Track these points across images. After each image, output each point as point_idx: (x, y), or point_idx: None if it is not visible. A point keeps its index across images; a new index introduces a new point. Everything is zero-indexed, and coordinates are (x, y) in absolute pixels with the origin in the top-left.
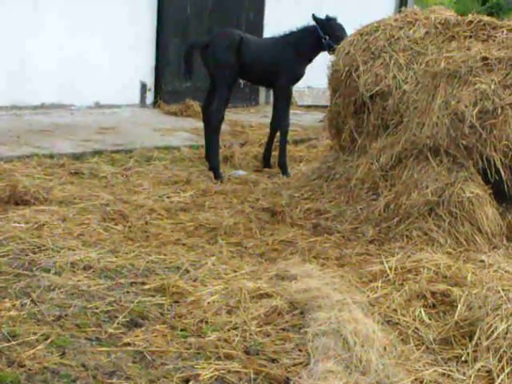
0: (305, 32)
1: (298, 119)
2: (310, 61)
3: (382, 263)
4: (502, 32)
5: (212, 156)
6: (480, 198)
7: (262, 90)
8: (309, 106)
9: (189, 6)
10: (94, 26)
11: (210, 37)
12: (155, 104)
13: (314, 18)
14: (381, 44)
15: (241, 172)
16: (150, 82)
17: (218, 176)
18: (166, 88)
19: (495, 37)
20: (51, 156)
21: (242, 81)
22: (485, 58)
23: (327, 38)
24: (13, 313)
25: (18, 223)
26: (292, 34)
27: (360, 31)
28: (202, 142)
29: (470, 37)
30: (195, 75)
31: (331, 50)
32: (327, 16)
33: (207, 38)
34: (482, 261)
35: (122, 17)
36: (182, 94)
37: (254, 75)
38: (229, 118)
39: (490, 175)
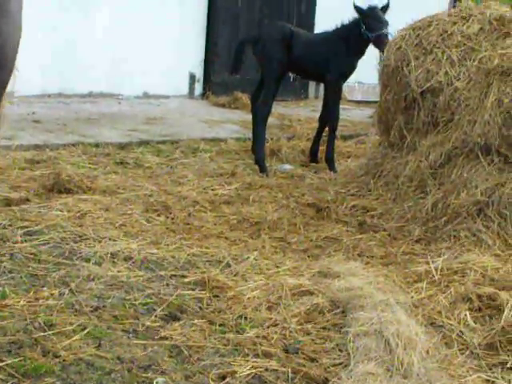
0: (353, 24)
1: (348, 114)
2: (361, 54)
3: (427, 263)
4: None
5: (258, 149)
6: None
7: (312, 84)
8: (359, 102)
9: None
10: (144, 16)
11: (261, 30)
12: (204, 95)
13: (355, 7)
14: (433, 39)
15: (287, 166)
16: (199, 73)
17: (263, 170)
18: (214, 79)
19: None
20: (97, 145)
21: (291, 74)
22: None
23: (363, 28)
24: (51, 302)
25: (61, 211)
26: (343, 27)
27: (412, 26)
28: (250, 134)
29: None
30: (245, 67)
31: (372, 41)
32: (369, 5)
33: (258, 32)
34: None
35: (172, 7)
36: (231, 86)
37: (304, 69)
38: (277, 112)
39: None
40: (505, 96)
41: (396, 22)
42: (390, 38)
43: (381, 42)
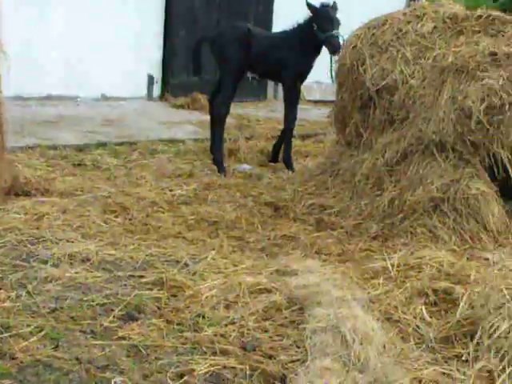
0: (307, 24)
1: (306, 114)
2: (317, 53)
3: (384, 260)
4: None
5: (216, 149)
6: (486, 195)
7: (270, 85)
8: (317, 101)
9: None
10: (101, 18)
11: (218, 30)
12: (162, 97)
13: (308, 5)
14: (388, 38)
15: (246, 166)
16: (157, 75)
17: (221, 170)
18: (173, 81)
19: (504, 32)
20: (54, 147)
21: (250, 75)
22: (493, 54)
23: (315, 27)
24: (7, 304)
25: (18, 214)
26: (298, 26)
27: (367, 25)
28: (208, 135)
29: (479, 32)
30: (203, 68)
31: (322, 42)
32: (321, 3)
33: (215, 32)
34: (487, 259)
35: (129, 9)
36: (190, 87)
37: (261, 69)
38: (236, 112)
39: (496, 172)
40: (459, 93)
41: (352, 22)
42: (340, 39)
43: (330, 44)
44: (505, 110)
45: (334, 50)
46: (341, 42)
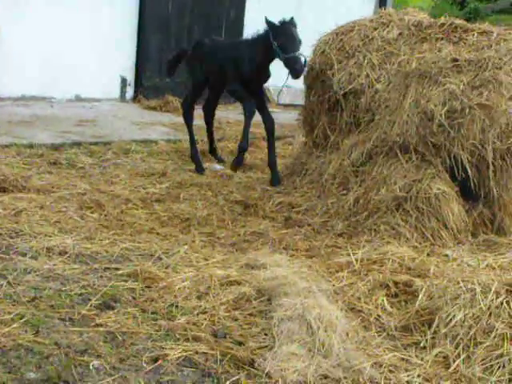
0: (259, 37)
1: (276, 117)
2: (260, 67)
3: (349, 255)
4: (473, 35)
5: (190, 147)
6: (446, 195)
7: None
8: (287, 105)
9: (170, 3)
10: (76, 20)
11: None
12: (135, 99)
13: (267, 21)
14: (355, 44)
15: (217, 166)
16: (131, 77)
17: (197, 169)
18: (145, 83)
19: (466, 39)
20: (30, 146)
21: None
22: (455, 60)
23: (275, 44)
24: None
25: None
26: (252, 38)
27: (335, 31)
28: (180, 136)
29: (442, 39)
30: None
31: (283, 63)
32: (282, 19)
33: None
34: (446, 255)
35: (103, 12)
36: (162, 90)
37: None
38: None
39: (456, 173)
40: (422, 97)
41: (321, 27)
42: (302, 59)
43: (292, 68)
44: (465, 114)
45: (297, 73)
46: (302, 61)
